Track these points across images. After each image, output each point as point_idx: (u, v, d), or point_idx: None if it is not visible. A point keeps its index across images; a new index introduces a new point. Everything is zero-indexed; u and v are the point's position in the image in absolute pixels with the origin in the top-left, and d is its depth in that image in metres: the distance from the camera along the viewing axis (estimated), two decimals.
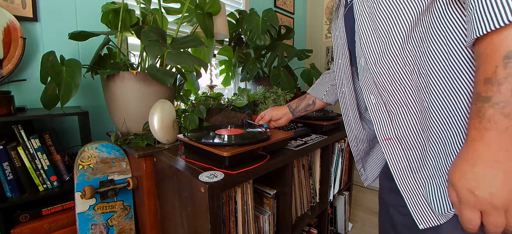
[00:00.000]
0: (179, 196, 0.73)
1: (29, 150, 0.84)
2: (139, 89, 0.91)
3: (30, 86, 1.01)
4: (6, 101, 0.81)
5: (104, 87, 0.96)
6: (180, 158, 0.80)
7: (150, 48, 0.80)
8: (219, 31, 1.27)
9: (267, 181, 0.97)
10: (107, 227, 0.91)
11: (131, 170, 0.94)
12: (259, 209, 0.94)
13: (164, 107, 0.88)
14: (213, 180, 0.63)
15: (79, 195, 0.85)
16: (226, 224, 0.76)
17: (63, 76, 0.82)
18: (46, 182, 0.88)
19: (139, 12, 1.05)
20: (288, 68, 1.73)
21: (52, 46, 1.05)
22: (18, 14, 0.96)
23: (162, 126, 0.87)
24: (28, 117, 0.81)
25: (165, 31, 0.91)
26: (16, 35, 0.92)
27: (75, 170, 0.85)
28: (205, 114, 1.05)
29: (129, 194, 0.96)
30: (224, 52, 1.58)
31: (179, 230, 0.77)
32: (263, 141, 0.80)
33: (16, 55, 0.93)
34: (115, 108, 0.94)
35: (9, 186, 0.82)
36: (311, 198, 1.15)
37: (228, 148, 0.71)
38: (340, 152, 1.27)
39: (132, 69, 0.99)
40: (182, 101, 1.14)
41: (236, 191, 0.78)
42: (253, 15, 1.48)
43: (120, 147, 0.93)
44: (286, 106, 0.99)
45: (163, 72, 0.86)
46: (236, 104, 1.23)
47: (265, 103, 1.36)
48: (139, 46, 1.19)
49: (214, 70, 1.50)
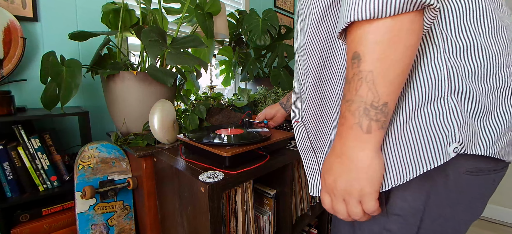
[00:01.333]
0: (179, 196, 0.73)
1: (29, 150, 0.84)
2: (139, 89, 0.91)
3: (30, 86, 1.01)
4: (6, 101, 0.81)
5: (104, 87, 0.97)
6: (180, 158, 0.80)
7: (150, 48, 0.80)
8: (219, 31, 1.27)
9: (267, 181, 0.97)
10: (107, 227, 0.91)
11: (131, 170, 0.94)
12: (259, 209, 0.94)
13: (164, 107, 0.88)
14: (213, 180, 0.63)
15: (79, 195, 0.85)
16: (226, 224, 0.76)
17: (63, 76, 0.82)
18: (46, 182, 0.88)
19: (139, 12, 1.05)
20: (288, 68, 1.73)
21: (52, 46, 1.05)
22: (18, 14, 0.95)
23: (162, 126, 0.87)
24: (28, 117, 0.81)
25: (165, 31, 0.91)
26: (16, 35, 0.92)
27: (75, 170, 0.85)
28: (205, 114, 1.05)
29: (129, 194, 0.96)
30: (224, 52, 1.58)
31: (179, 230, 0.77)
32: (263, 141, 0.80)
33: (16, 55, 0.93)
34: (115, 108, 0.94)
35: (9, 186, 0.82)
36: (311, 198, 1.15)
37: (228, 148, 0.71)
38: None
39: (132, 69, 0.99)
40: (182, 101, 1.14)
41: (236, 191, 0.78)
42: (253, 15, 1.48)
43: (120, 147, 0.93)
44: (278, 103, 1.03)
45: (163, 72, 0.87)
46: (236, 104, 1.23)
47: (265, 103, 1.36)
48: (139, 46, 1.19)
49: (214, 70, 1.50)
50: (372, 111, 0.32)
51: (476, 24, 0.35)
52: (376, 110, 0.32)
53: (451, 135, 0.33)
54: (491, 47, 0.35)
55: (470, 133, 0.34)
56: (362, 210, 0.36)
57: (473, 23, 0.34)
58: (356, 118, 0.33)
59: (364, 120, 0.33)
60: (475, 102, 0.34)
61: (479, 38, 0.34)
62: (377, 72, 0.30)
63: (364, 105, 0.32)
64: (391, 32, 0.29)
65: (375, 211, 0.36)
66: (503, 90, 0.36)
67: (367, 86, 0.31)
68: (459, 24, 0.34)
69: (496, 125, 0.35)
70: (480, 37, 0.35)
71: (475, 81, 0.35)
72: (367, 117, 0.32)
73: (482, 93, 0.35)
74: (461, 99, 0.34)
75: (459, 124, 0.34)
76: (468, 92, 0.34)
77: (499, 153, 0.36)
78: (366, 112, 0.32)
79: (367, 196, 0.35)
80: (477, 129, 0.35)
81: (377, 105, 0.32)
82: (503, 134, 0.36)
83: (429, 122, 0.35)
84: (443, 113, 0.34)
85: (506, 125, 0.36)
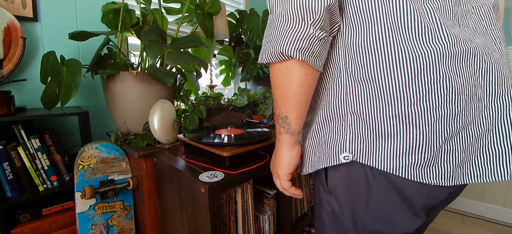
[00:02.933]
0: (179, 196, 0.73)
1: (29, 150, 0.84)
2: (139, 89, 0.91)
3: (30, 86, 1.01)
4: (6, 101, 0.81)
5: (104, 87, 0.96)
6: (180, 158, 0.80)
7: (150, 48, 0.80)
8: (219, 31, 1.27)
9: (267, 181, 0.97)
10: (107, 227, 0.91)
11: (131, 170, 0.94)
12: (259, 209, 0.94)
13: (164, 107, 0.88)
14: (213, 180, 0.63)
15: (79, 195, 0.85)
16: (226, 224, 0.76)
17: (63, 76, 0.82)
18: (46, 182, 0.88)
19: (139, 12, 1.05)
20: None
21: (52, 46, 1.05)
22: (18, 14, 0.95)
23: (162, 126, 0.87)
24: (28, 117, 0.81)
25: (165, 31, 0.91)
26: (16, 35, 0.93)
27: (75, 170, 0.85)
28: (205, 114, 1.05)
29: (129, 194, 0.96)
30: (224, 52, 1.58)
31: (179, 230, 0.77)
32: (263, 141, 0.80)
33: (16, 55, 0.93)
34: (115, 108, 0.94)
35: (9, 186, 0.82)
36: (311, 198, 1.15)
37: (228, 148, 0.71)
38: None
39: (132, 69, 0.99)
40: (182, 101, 1.14)
41: (236, 191, 0.78)
42: (253, 15, 1.48)
43: (120, 147, 0.93)
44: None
45: (163, 72, 0.87)
46: (236, 104, 1.23)
47: (265, 103, 1.36)
48: (139, 46, 1.19)
49: (214, 70, 1.50)
50: (280, 120, 0.48)
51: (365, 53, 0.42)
52: (282, 120, 0.47)
53: (343, 146, 0.45)
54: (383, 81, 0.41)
55: (360, 147, 0.43)
56: (281, 186, 0.54)
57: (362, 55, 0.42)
58: (277, 125, 0.50)
59: (278, 126, 0.49)
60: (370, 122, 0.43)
61: (370, 73, 0.42)
62: (278, 95, 0.46)
63: (277, 116, 0.48)
64: (277, 71, 0.44)
65: (286, 188, 0.53)
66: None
67: (276, 104, 0.47)
68: (348, 55, 0.44)
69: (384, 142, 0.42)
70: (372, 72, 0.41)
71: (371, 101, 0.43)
72: (278, 125, 0.49)
73: (372, 115, 0.42)
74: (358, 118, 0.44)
75: (352, 139, 0.44)
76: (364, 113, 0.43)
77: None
78: (278, 121, 0.48)
79: (281, 177, 0.53)
80: (371, 146, 0.42)
81: (282, 117, 0.47)
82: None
83: (331, 134, 0.46)
84: (342, 127, 0.45)
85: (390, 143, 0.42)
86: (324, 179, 0.51)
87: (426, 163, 0.39)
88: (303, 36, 0.39)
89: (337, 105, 0.46)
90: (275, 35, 0.41)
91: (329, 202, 0.51)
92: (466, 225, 1.70)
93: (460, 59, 0.38)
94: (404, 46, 0.38)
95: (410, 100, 0.38)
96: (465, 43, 0.38)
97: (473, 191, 1.84)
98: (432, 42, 0.38)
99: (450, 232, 1.62)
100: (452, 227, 1.67)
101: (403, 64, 0.38)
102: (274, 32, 0.41)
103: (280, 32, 0.40)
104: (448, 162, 0.40)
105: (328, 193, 0.51)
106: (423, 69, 0.37)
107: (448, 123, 0.38)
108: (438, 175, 0.40)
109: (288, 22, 0.39)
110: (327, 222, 0.53)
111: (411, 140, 0.39)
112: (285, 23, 0.40)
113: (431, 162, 0.39)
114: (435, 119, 0.38)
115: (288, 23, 0.39)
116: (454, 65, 0.38)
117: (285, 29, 0.40)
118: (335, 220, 0.51)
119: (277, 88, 0.45)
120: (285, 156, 0.50)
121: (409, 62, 0.38)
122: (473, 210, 1.83)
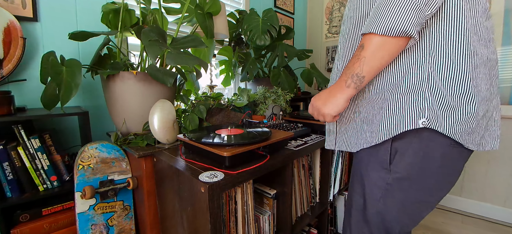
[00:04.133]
0: (179, 196, 0.73)
1: (29, 150, 0.84)
2: (139, 89, 0.91)
3: (30, 86, 1.01)
4: (6, 101, 0.81)
5: (104, 87, 0.96)
6: (180, 158, 0.80)
7: (150, 48, 0.80)
8: (219, 31, 1.27)
9: (267, 181, 0.97)
10: (107, 227, 0.91)
11: (131, 170, 0.94)
12: (259, 209, 0.94)
13: (164, 107, 0.88)
14: (213, 180, 0.63)
15: (79, 195, 0.85)
16: (226, 224, 0.76)
17: (63, 76, 0.82)
18: (46, 182, 0.88)
19: (139, 12, 1.05)
20: (288, 68, 1.73)
21: (52, 46, 1.05)
22: (18, 14, 0.95)
23: (162, 126, 0.87)
24: (28, 117, 0.81)
25: (165, 31, 0.91)
26: (16, 35, 0.92)
27: (75, 170, 0.85)
28: (205, 114, 1.05)
29: (129, 194, 0.96)
30: (224, 52, 1.58)
31: (179, 230, 0.77)
32: (263, 141, 0.80)
33: (16, 55, 0.93)
34: (115, 108, 0.94)
35: (9, 186, 0.82)
36: (311, 198, 1.15)
37: (228, 148, 0.71)
38: (340, 152, 1.27)
39: (132, 69, 0.99)
40: (182, 101, 1.14)
41: (236, 191, 0.78)
42: (253, 15, 1.48)
43: (120, 147, 0.93)
44: None
45: (163, 72, 0.86)
46: (236, 104, 1.23)
47: (265, 103, 1.36)
48: (139, 46, 1.19)
49: (214, 70, 1.50)
50: (355, 78, 0.56)
51: (454, 49, 0.54)
52: (358, 78, 0.56)
53: (422, 113, 0.55)
54: (461, 65, 0.53)
55: (436, 117, 0.55)
56: (325, 120, 0.66)
57: (452, 49, 0.54)
58: (348, 79, 0.58)
59: (349, 80, 0.58)
60: (443, 98, 0.55)
61: (453, 59, 0.54)
62: (367, 58, 0.54)
63: (353, 73, 0.56)
64: (381, 43, 0.53)
65: (329, 121, 0.65)
66: (466, 96, 0.54)
67: (359, 63, 0.55)
68: (442, 47, 0.54)
69: (455, 116, 0.55)
70: (454, 58, 0.54)
71: (445, 85, 0.55)
72: (350, 80, 0.57)
73: (448, 94, 0.54)
74: (433, 94, 0.55)
75: (429, 108, 0.55)
76: (440, 91, 0.55)
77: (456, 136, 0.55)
78: (353, 78, 0.57)
79: (328, 116, 0.64)
80: (441, 117, 0.55)
81: (360, 76, 0.56)
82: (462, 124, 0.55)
83: (411, 102, 0.57)
84: (420, 99, 0.56)
85: (463, 118, 0.54)
86: (387, 151, 0.62)
87: (472, 132, 0.55)
88: (420, 21, 0.49)
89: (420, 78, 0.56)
90: (403, 11, 0.48)
91: (385, 178, 0.63)
92: (466, 225, 1.69)
93: (489, 65, 0.57)
94: (474, 46, 0.53)
95: (472, 82, 0.54)
96: (492, 54, 0.57)
97: (473, 191, 1.84)
98: (484, 49, 0.55)
99: (450, 232, 1.62)
100: (452, 227, 1.67)
101: (472, 57, 0.53)
102: (403, 8, 0.48)
103: (408, 10, 0.48)
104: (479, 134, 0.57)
105: (388, 163, 0.62)
106: (480, 64, 0.54)
107: (483, 107, 0.56)
108: (475, 143, 0.57)
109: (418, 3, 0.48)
110: (377, 196, 0.65)
111: (468, 112, 0.54)
112: (416, 4, 0.48)
113: (475, 131, 0.55)
114: (479, 100, 0.54)
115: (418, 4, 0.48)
116: (487, 69, 0.56)
117: (414, 9, 0.48)
118: (390, 191, 0.63)
119: (370, 53, 0.53)
120: (342, 104, 0.61)
121: (474, 58, 0.53)
122: (473, 210, 1.83)
